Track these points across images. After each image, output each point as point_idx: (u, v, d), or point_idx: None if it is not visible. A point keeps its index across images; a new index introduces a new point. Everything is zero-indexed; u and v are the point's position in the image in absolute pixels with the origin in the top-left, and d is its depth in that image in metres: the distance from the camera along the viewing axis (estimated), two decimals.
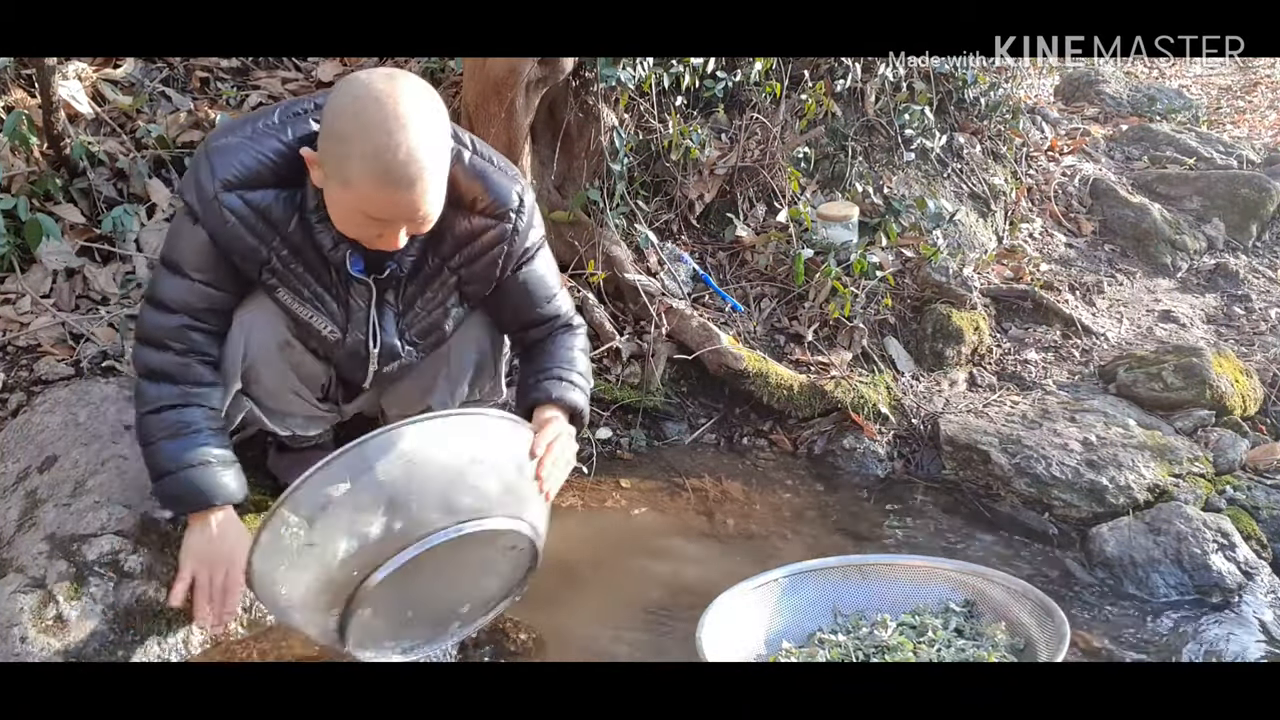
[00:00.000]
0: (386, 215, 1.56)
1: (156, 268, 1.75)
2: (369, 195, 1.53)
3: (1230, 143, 4.82)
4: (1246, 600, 2.17)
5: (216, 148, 1.65)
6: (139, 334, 1.77)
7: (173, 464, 1.73)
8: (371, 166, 1.50)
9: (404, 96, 1.52)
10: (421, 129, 1.52)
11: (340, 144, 1.52)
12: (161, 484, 1.76)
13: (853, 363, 2.95)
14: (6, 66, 2.83)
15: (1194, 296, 3.77)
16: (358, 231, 1.62)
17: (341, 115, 1.53)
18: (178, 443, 1.74)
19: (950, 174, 3.74)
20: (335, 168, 1.54)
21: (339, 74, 3.38)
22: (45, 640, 1.71)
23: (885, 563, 1.97)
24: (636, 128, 3.08)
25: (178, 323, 1.74)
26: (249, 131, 1.66)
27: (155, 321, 1.74)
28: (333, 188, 1.58)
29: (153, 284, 1.76)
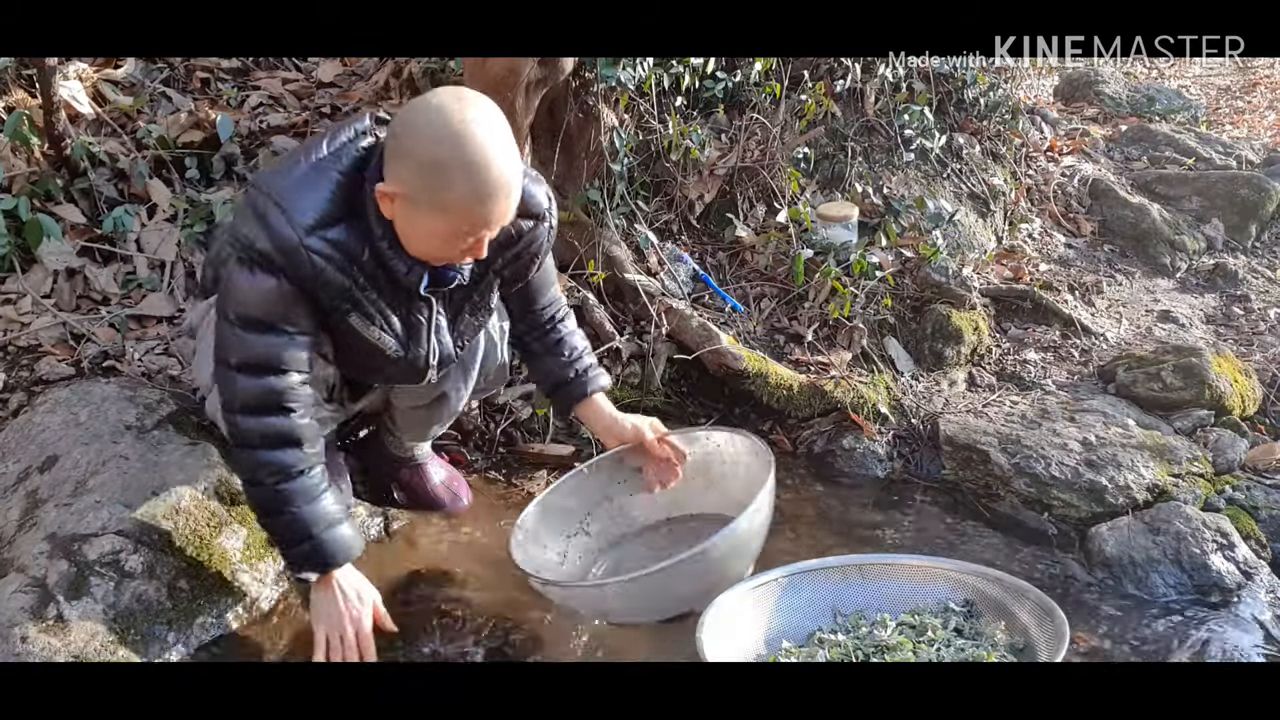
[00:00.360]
0: (481, 230, 1.65)
1: (228, 328, 1.69)
2: (469, 214, 1.62)
3: (1230, 143, 4.82)
4: (1246, 600, 2.17)
5: (281, 190, 1.64)
6: (240, 405, 1.70)
7: (309, 529, 1.74)
8: (473, 188, 1.59)
9: (481, 115, 1.62)
10: (504, 141, 1.62)
11: (436, 172, 1.59)
12: (299, 550, 1.76)
13: (852, 363, 2.95)
14: (7, 67, 2.84)
15: (1193, 296, 3.77)
16: (443, 251, 1.69)
17: (431, 144, 1.58)
18: (311, 507, 1.75)
19: (950, 174, 3.74)
20: (429, 195, 1.61)
21: (339, 74, 3.38)
22: (45, 640, 1.71)
23: (885, 563, 1.97)
24: (636, 128, 3.08)
25: (288, 382, 1.71)
26: (305, 168, 1.66)
27: (261, 386, 1.69)
28: (421, 214, 1.63)
29: (233, 347, 1.69)
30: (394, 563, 2.16)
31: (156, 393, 2.22)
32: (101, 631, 1.76)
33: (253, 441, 1.72)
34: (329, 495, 1.78)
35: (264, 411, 1.71)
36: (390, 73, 3.26)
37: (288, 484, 1.73)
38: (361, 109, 3.15)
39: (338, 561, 1.78)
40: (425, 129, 1.59)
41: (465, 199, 1.60)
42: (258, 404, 1.70)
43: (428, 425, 2.21)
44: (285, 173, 1.67)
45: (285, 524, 1.75)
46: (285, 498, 1.73)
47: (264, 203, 1.64)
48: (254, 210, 1.65)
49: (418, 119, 1.61)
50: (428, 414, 2.16)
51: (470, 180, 1.58)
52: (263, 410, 1.71)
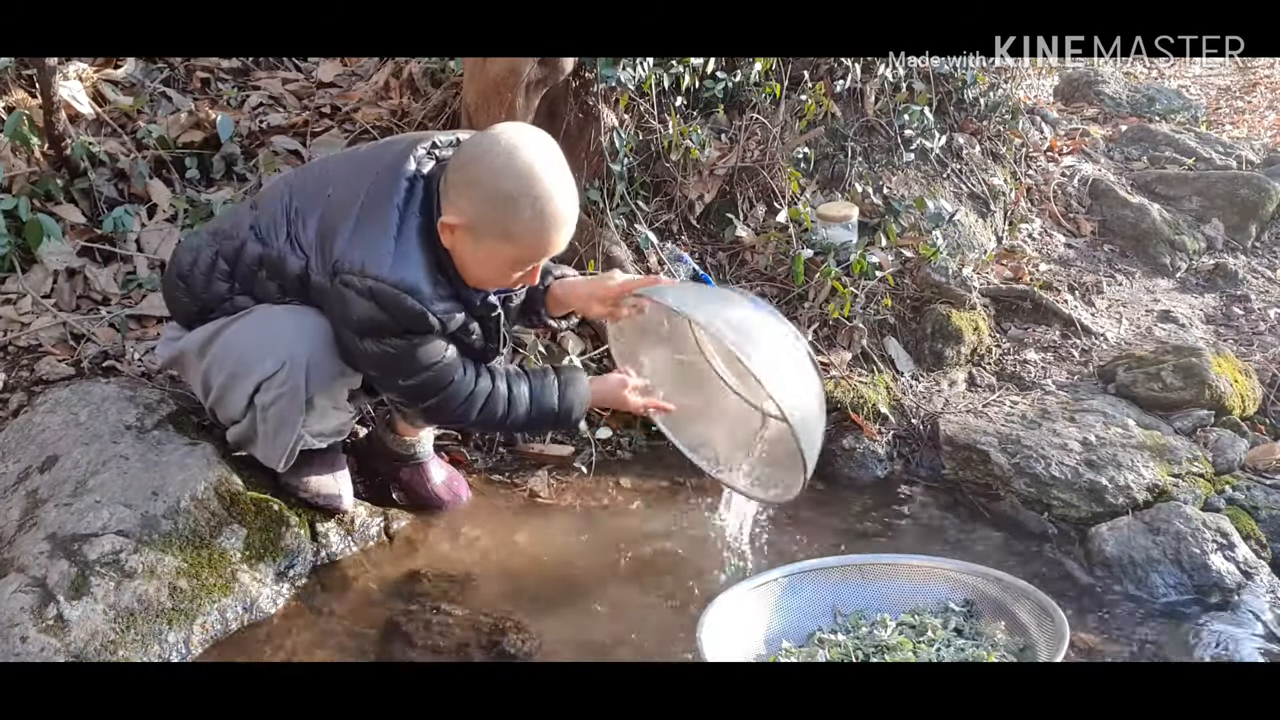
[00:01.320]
0: (542, 256, 1.81)
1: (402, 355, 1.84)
2: (535, 243, 1.76)
3: (1229, 143, 4.82)
4: (1246, 600, 2.17)
5: (391, 271, 1.76)
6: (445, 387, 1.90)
7: (554, 417, 2.03)
8: (544, 218, 1.73)
9: (545, 152, 1.75)
10: (566, 174, 1.76)
11: (506, 205, 1.71)
12: (565, 420, 2.05)
13: (852, 363, 2.95)
14: (7, 67, 2.84)
15: (1193, 296, 3.77)
16: (499, 279, 1.84)
17: (498, 178, 1.71)
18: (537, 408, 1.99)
19: (950, 174, 3.74)
20: (498, 228, 1.73)
21: (339, 74, 3.38)
22: (45, 640, 1.71)
23: (885, 563, 1.98)
24: (636, 128, 3.08)
25: (443, 365, 1.88)
26: (394, 233, 1.77)
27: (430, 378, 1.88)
28: (484, 245, 1.76)
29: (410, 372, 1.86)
30: (394, 563, 2.16)
31: (156, 393, 2.22)
32: (101, 631, 1.76)
33: (461, 410, 1.93)
34: (533, 382, 2.00)
35: (447, 386, 1.90)
36: (390, 73, 3.26)
37: (510, 417, 1.97)
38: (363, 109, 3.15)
39: (581, 402, 2.04)
40: (492, 163, 1.71)
41: (532, 230, 1.73)
42: (445, 382, 1.90)
43: None
44: (380, 253, 1.77)
45: (540, 428, 2.22)
46: (517, 421, 1.99)
47: (381, 292, 1.76)
48: (370, 297, 1.77)
49: (483, 154, 1.73)
50: None
51: (537, 213, 1.72)
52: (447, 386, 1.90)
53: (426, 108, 3.07)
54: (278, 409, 1.95)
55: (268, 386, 1.93)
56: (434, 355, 1.86)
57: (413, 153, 1.82)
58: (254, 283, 1.93)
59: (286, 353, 1.89)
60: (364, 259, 1.77)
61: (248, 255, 1.91)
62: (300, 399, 1.93)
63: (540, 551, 2.26)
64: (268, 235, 1.89)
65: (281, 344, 1.89)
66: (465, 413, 1.94)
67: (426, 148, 1.85)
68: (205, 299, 1.97)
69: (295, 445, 2.01)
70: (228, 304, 1.96)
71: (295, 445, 2.01)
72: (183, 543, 1.93)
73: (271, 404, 1.94)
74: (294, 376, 1.90)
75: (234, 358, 1.94)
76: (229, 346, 1.95)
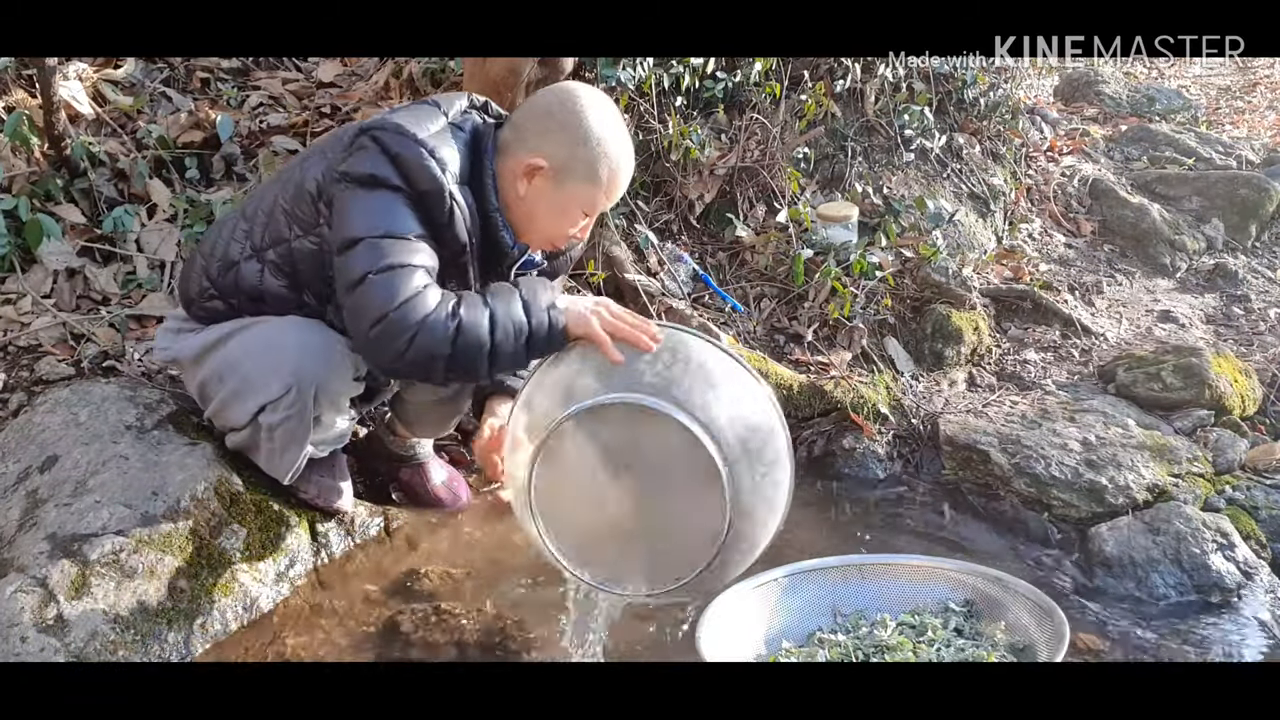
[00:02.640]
0: (608, 204, 1.86)
1: (369, 244, 1.65)
2: (612, 187, 1.81)
3: (1230, 143, 4.82)
4: (1246, 600, 2.17)
5: (428, 138, 1.71)
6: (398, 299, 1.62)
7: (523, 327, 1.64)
8: (622, 165, 1.80)
9: (613, 105, 1.84)
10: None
11: (599, 145, 1.76)
12: (535, 345, 1.66)
13: (852, 363, 2.95)
14: (7, 67, 2.84)
15: (1193, 296, 3.77)
16: (560, 228, 1.83)
17: (599, 122, 1.76)
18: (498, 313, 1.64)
19: (950, 174, 3.74)
20: (588, 169, 1.76)
21: (339, 74, 3.38)
22: (45, 640, 1.71)
23: (885, 563, 1.97)
24: (636, 128, 3.08)
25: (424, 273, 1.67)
26: (439, 126, 1.76)
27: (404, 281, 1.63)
28: (569, 187, 1.78)
29: (376, 259, 1.63)
30: (394, 563, 2.16)
31: (156, 393, 2.22)
32: (101, 631, 1.76)
33: (415, 323, 1.61)
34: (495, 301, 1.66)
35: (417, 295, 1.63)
36: (390, 73, 3.26)
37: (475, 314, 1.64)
38: (364, 109, 3.15)
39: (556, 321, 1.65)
40: (588, 109, 1.76)
41: (615, 172, 1.79)
42: (416, 290, 1.63)
43: (446, 420, 2.22)
44: (420, 125, 1.73)
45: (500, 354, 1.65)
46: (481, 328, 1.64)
47: (407, 147, 1.69)
48: (391, 152, 1.68)
49: (575, 99, 1.77)
50: (450, 408, 2.18)
51: (620, 156, 1.79)
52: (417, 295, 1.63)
53: None
54: (285, 429, 1.92)
55: (274, 408, 1.89)
56: (420, 232, 1.68)
57: (460, 98, 1.86)
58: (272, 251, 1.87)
59: (293, 375, 1.85)
60: (402, 122, 1.72)
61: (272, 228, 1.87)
62: (308, 419, 1.91)
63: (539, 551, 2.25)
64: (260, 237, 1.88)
65: (286, 365, 1.85)
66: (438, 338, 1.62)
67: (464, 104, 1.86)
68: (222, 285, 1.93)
69: (302, 461, 2.00)
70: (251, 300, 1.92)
71: (302, 461, 2.00)
72: (183, 543, 1.93)
73: (279, 425, 1.91)
74: (302, 398, 1.87)
75: (238, 374, 1.91)
76: (232, 361, 1.92)
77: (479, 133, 1.82)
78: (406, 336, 1.61)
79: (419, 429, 2.26)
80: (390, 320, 1.61)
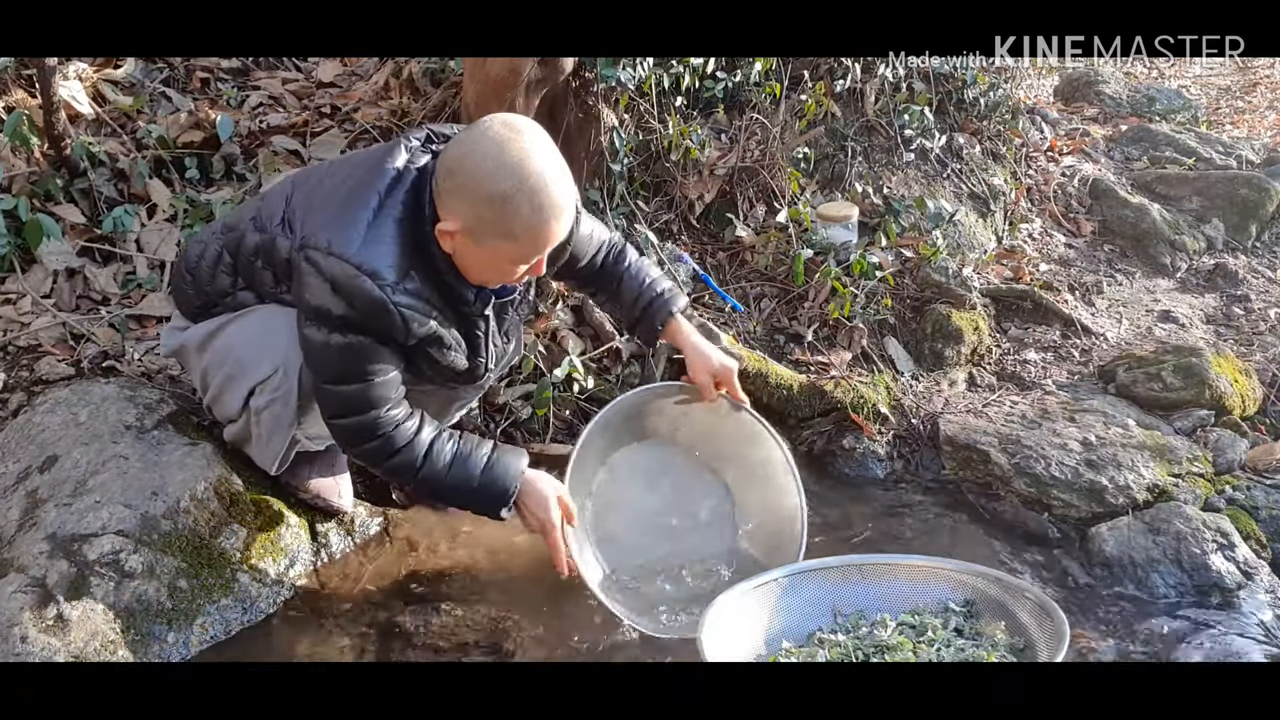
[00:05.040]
0: (545, 249, 1.73)
1: (323, 391, 1.79)
2: (536, 238, 1.69)
3: (1230, 143, 4.82)
4: (1246, 600, 2.17)
5: (357, 251, 1.67)
6: (355, 442, 1.81)
7: (469, 489, 1.85)
8: (540, 211, 1.65)
9: (534, 141, 1.67)
10: (558, 162, 1.69)
11: (504, 205, 1.64)
12: (475, 503, 1.89)
13: (852, 363, 2.95)
14: (7, 67, 2.84)
15: (1193, 296, 3.77)
16: (506, 276, 1.77)
17: (491, 178, 1.64)
18: (455, 474, 1.83)
19: (950, 174, 3.74)
20: (498, 228, 1.66)
21: (339, 74, 3.38)
22: (45, 640, 1.71)
23: (885, 563, 1.97)
24: (636, 128, 3.08)
25: (372, 417, 1.78)
26: (367, 222, 1.69)
27: (353, 424, 1.79)
28: (486, 245, 1.69)
29: (332, 405, 1.79)
30: (394, 563, 2.16)
31: (156, 393, 2.22)
32: (101, 631, 1.76)
33: (379, 458, 1.81)
34: (464, 451, 1.85)
35: (371, 437, 1.79)
36: (390, 73, 3.26)
37: (423, 473, 1.82)
38: (363, 109, 3.15)
39: (510, 491, 1.86)
40: (483, 163, 1.64)
41: (532, 225, 1.67)
42: (366, 434, 1.79)
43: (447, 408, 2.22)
44: (349, 231, 1.69)
45: (451, 498, 1.92)
46: (432, 482, 1.84)
47: (340, 269, 1.67)
48: (327, 277, 1.68)
49: (473, 153, 1.66)
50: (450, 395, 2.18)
51: (535, 207, 1.65)
52: (370, 438, 1.79)
53: (426, 108, 3.07)
54: (270, 413, 1.94)
55: (262, 390, 1.92)
56: (376, 366, 1.76)
57: (403, 143, 1.78)
58: (253, 274, 1.91)
59: (282, 357, 1.88)
60: (331, 237, 1.69)
61: (247, 245, 1.89)
62: (293, 403, 1.91)
63: (540, 551, 2.24)
64: (266, 223, 1.86)
65: (278, 347, 1.88)
66: (380, 448, 1.80)
67: (421, 139, 1.80)
68: (209, 293, 1.96)
69: (289, 449, 2.01)
70: (230, 299, 1.95)
71: (289, 449, 2.01)
72: (182, 543, 1.93)
73: (265, 408, 1.94)
74: (288, 381, 1.89)
75: (232, 358, 1.94)
76: (228, 347, 1.95)
77: (417, 194, 1.73)
78: (383, 462, 1.82)
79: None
80: (365, 452, 1.82)
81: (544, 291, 2.73)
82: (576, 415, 2.65)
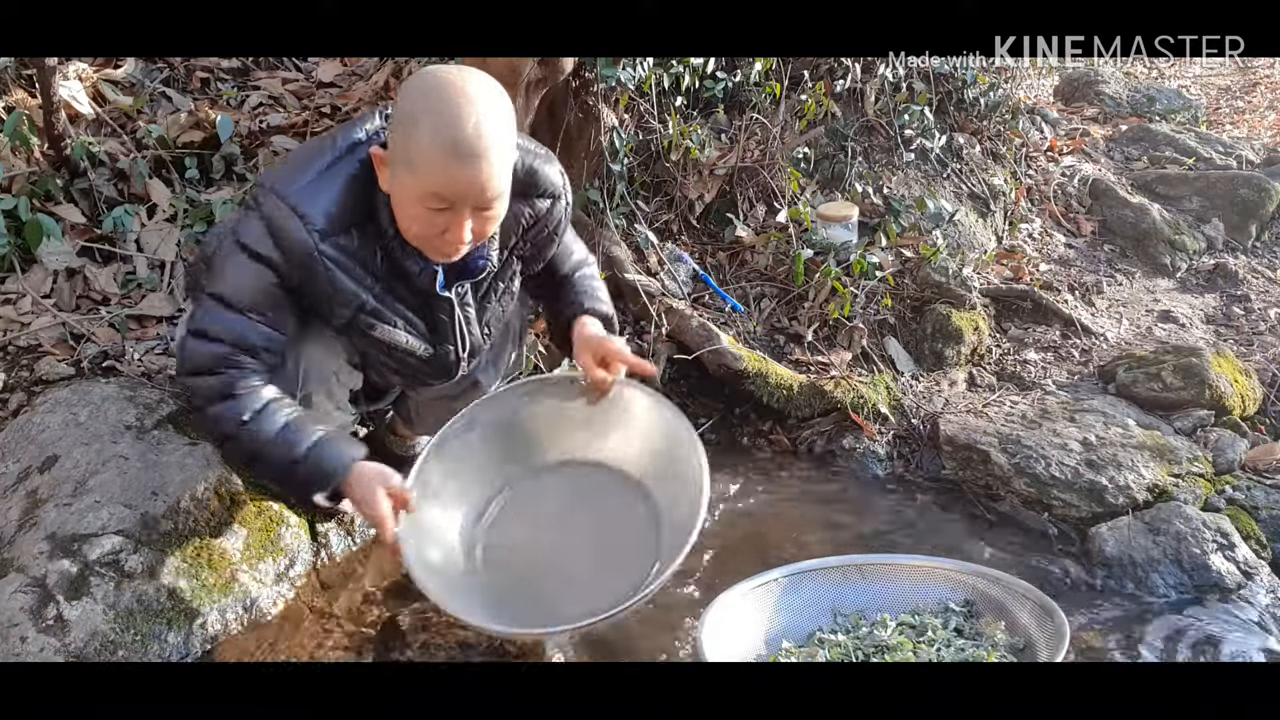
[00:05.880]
0: (454, 194, 1.56)
1: (204, 301, 1.69)
2: (438, 173, 1.53)
3: (1230, 143, 4.82)
4: (1246, 600, 2.17)
5: (296, 192, 1.61)
6: (191, 367, 1.69)
7: (291, 457, 1.68)
8: (440, 140, 1.51)
9: (472, 80, 1.57)
10: (489, 107, 1.55)
11: (409, 126, 1.54)
12: (294, 483, 1.73)
13: (852, 363, 2.95)
14: (7, 66, 2.84)
15: (1193, 296, 3.77)
16: (424, 227, 1.61)
17: (410, 99, 1.56)
18: (281, 438, 1.68)
19: (950, 174, 3.74)
20: (403, 152, 1.55)
21: (339, 74, 3.38)
22: (45, 640, 1.71)
23: (885, 563, 1.97)
24: (636, 128, 3.08)
25: (227, 351, 1.68)
26: (317, 171, 1.63)
27: (204, 350, 1.67)
28: (400, 179, 1.58)
29: (199, 319, 1.68)
30: (394, 563, 2.16)
31: (156, 393, 2.22)
32: (101, 631, 1.76)
33: (205, 397, 1.69)
34: (299, 423, 1.71)
35: (204, 373, 1.68)
36: (390, 73, 3.26)
37: (247, 428, 1.67)
38: (363, 109, 3.15)
39: (333, 475, 1.70)
40: (413, 87, 1.58)
41: (434, 153, 1.52)
42: (199, 368, 1.68)
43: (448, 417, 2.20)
44: (297, 175, 1.64)
45: (266, 465, 1.72)
46: (252, 440, 1.68)
47: (276, 207, 1.61)
48: (263, 214, 1.63)
49: (411, 81, 1.60)
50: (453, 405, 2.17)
51: (440, 133, 1.51)
52: (203, 371, 1.68)
53: None
54: None
55: None
56: (270, 313, 1.66)
57: (379, 111, 1.73)
58: None
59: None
60: (278, 179, 1.64)
61: None
62: (293, 389, 1.84)
63: None
64: None
65: None
66: (216, 386, 1.67)
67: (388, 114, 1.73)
68: None
69: None
70: None
71: None
72: (182, 543, 1.93)
73: None
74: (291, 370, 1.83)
75: None
76: None
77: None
78: (196, 406, 1.71)
79: (420, 426, 2.26)
80: (185, 384, 1.72)
81: None
82: None
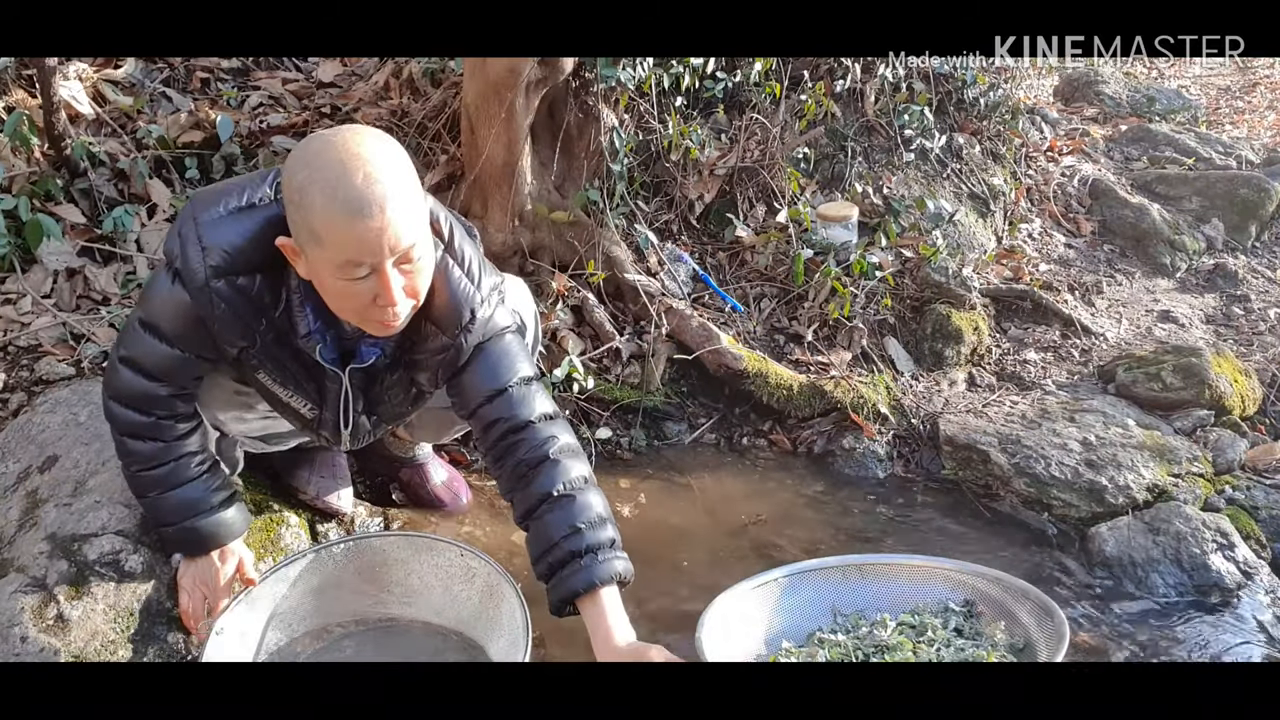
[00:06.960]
0: (365, 253, 1.45)
1: (134, 326, 1.66)
2: (342, 234, 1.44)
3: (1229, 143, 4.82)
4: (1246, 600, 2.17)
5: (207, 222, 1.54)
6: (114, 391, 1.71)
7: (174, 516, 1.79)
8: (334, 202, 1.42)
9: (352, 136, 1.48)
10: (374, 154, 1.46)
11: (301, 199, 1.45)
12: (164, 533, 1.82)
13: (852, 363, 2.95)
14: (7, 67, 2.84)
15: (1193, 296, 3.77)
16: (353, 300, 1.52)
17: (294, 172, 1.47)
18: (173, 496, 1.77)
19: (950, 174, 3.74)
20: (305, 228, 1.46)
21: (339, 74, 3.38)
22: (45, 640, 1.71)
23: (885, 563, 1.97)
24: (636, 128, 3.08)
25: (158, 391, 1.68)
26: (239, 202, 1.56)
27: (133, 384, 1.67)
28: (312, 258, 1.49)
29: (130, 343, 1.66)
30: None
31: None
32: (101, 631, 1.76)
33: (119, 428, 1.74)
34: (197, 486, 1.78)
35: (129, 406, 1.71)
36: (390, 73, 3.26)
37: (145, 473, 1.76)
38: (363, 109, 3.15)
39: (208, 546, 1.81)
40: (294, 159, 1.49)
41: (328, 218, 1.43)
42: (125, 398, 1.70)
43: (448, 427, 2.20)
44: (217, 200, 1.56)
45: (147, 506, 1.82)
46: (142, 483, 1.78)
47: (189, 230, 1.54)
48: (182, 230, 1.55)
49: (292, 154, 1.51)
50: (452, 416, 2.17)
51: (327, 194, 1.42)
52: (128, 404, 1.71)
53: (426, 108, 3.07)
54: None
55: None
56: (188, 344, 1.61)
57: None
58: None
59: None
60: (200, 201, 1.56)
61: None
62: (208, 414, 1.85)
63: None
64: None
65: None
66: (129, 425, 1.71)
67: None
68: None
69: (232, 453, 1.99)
70: None
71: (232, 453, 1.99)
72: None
73: None
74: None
75: None
76: None
77: None
78: (115, 428, 1.75)
79: (420, 433, 2.26)
80: (109, 406, 1.74)
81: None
82: (576, 416, 2.65)
